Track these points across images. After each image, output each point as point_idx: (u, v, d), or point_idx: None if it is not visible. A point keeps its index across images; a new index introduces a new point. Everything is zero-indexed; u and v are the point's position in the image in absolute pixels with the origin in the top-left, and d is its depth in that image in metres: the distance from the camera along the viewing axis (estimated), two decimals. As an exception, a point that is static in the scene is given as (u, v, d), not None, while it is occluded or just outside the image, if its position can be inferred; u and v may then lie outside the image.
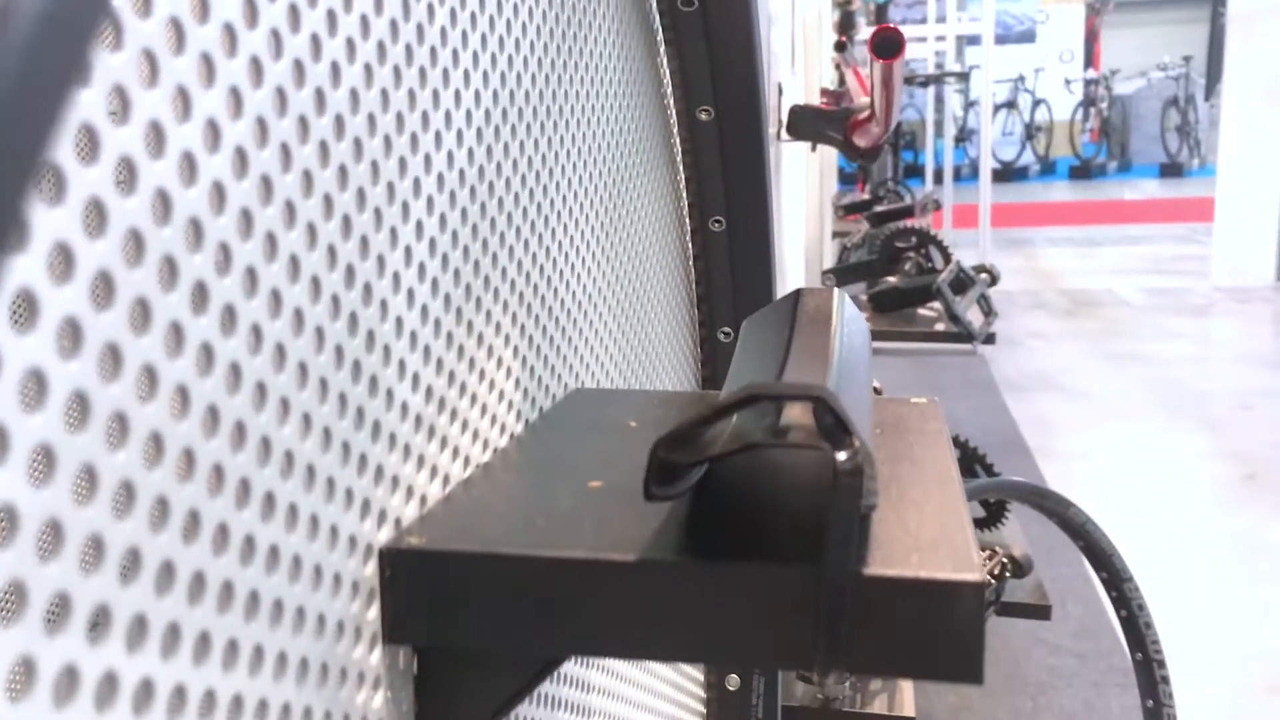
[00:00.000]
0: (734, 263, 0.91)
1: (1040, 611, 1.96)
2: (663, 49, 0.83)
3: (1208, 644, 2.40)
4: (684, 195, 0.91)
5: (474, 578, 0.38)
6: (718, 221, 0.90)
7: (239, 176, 0.31)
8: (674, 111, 0.86)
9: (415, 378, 0.42)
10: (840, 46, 2.40)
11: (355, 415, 0.37)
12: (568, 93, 0.63)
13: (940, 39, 6.91)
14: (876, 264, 2.79)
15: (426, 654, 0.42)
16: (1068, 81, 12.60)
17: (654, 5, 0.81)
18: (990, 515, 2.05)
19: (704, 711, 1.00)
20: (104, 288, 0.25)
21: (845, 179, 7.68)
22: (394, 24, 0.41)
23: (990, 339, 2.44)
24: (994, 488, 2.07)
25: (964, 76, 7.88)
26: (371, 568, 0.39)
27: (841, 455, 0.34)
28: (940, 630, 0.36)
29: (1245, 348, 4.63)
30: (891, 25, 1.31)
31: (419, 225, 0.43)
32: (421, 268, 0.43)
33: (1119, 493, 3.09)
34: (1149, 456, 3.37)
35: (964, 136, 11.18)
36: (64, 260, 0.24)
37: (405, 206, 0.42)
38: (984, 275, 2.47)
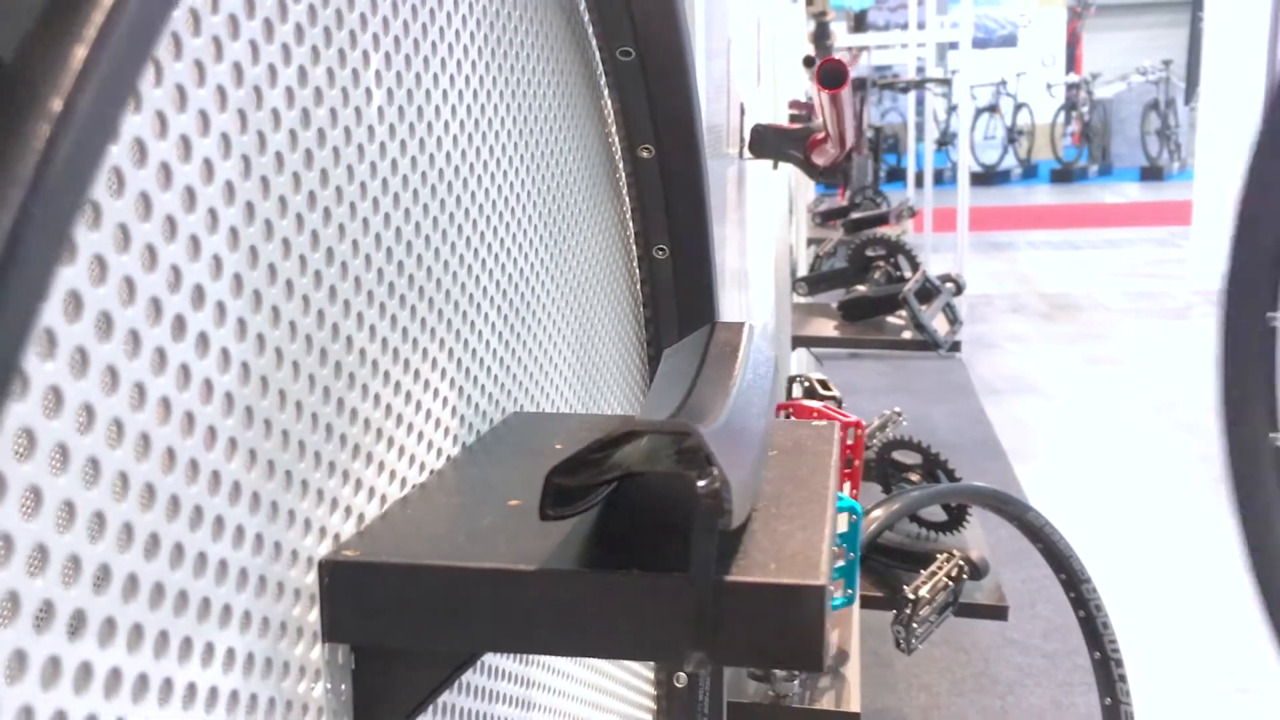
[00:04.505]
0: (677, 287, 0.98)
1: (997, 612, 2.02)
2: (606, 92, 0.90)
3: (1181, 644, 2.47)
4: (630, 225, 0.98)
5: (401, 585, 0.45)
6: (661, 249, 0.96)
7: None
8: (618, 149, 0.93)
9: (354, 413, 0.49)
10: (809, 62, 2.48)
11: (298, 448, 0.44)
12: (511, 133, 0.70)
13: (921, 45, 6.99)
14: (847, 272, 2.86)
15: (362, 650, 0.48)
16: (1049, 85, 12.70)
17: (596, 53, 0.87)
18: (952, 519, 2.12)
19: (654, 707, 1.07)
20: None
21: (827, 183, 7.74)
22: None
23: (955, 347, 2.50)
24: (954, 493, 2.14)
25: (945, 82, 7.97)
26: (312, 577, 0.45)
27: (702, 483, 0.41)
28: (789, 626, 0.43)
29: (1218, 351, 4.71)
30: (836, 58, 1.38)
31: (357, 280, 0.49)
32: (360, 316, 0.50)
33: (1094, 495, 3.16)
34: (1124, 459, 3.45)
35: (946, 140, 11.26)
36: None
37: (343, 265, 0.48)
38: (949, 284, 2.53)
